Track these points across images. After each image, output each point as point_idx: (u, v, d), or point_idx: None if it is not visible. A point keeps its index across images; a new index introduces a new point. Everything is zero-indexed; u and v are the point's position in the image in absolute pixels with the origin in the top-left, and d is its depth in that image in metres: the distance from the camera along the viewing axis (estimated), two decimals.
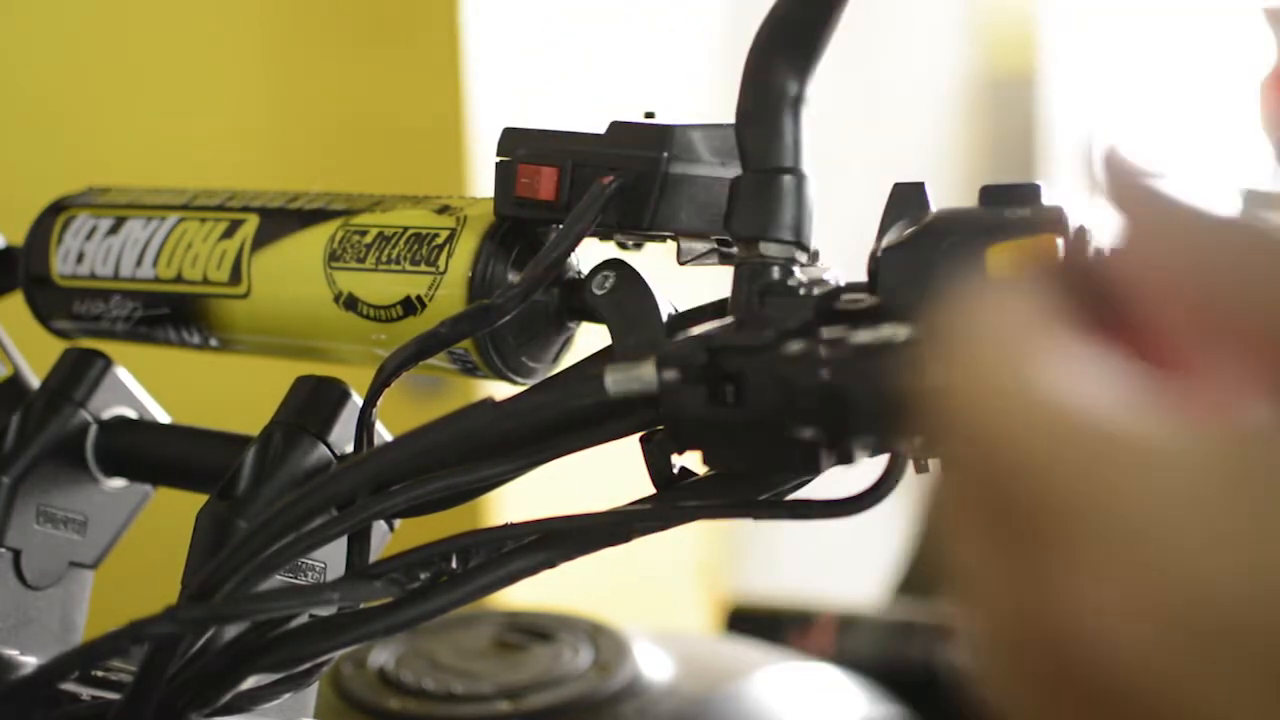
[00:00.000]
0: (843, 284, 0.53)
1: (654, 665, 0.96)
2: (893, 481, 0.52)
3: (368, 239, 0.63)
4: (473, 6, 1.60)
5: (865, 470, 0.52)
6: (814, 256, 0.54)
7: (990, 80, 2.93)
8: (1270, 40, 3.01)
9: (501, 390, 0.58)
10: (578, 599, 1.15)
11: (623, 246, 0.63)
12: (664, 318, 0.57)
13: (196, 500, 0.61)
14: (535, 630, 1.01)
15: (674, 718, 0.93)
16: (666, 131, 0.57)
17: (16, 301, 0.74)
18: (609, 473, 0.83)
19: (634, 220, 0.57)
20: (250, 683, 0.55)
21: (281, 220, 0.66)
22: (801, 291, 0.51)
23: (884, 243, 0.51)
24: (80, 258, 0.71)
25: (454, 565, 0.55)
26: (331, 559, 0.60)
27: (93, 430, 0.68)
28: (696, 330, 0.52)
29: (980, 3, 2.97)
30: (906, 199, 0.52)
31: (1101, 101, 2.88)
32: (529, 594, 0.74)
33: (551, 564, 0.55)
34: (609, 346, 0.57)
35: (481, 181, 1.61)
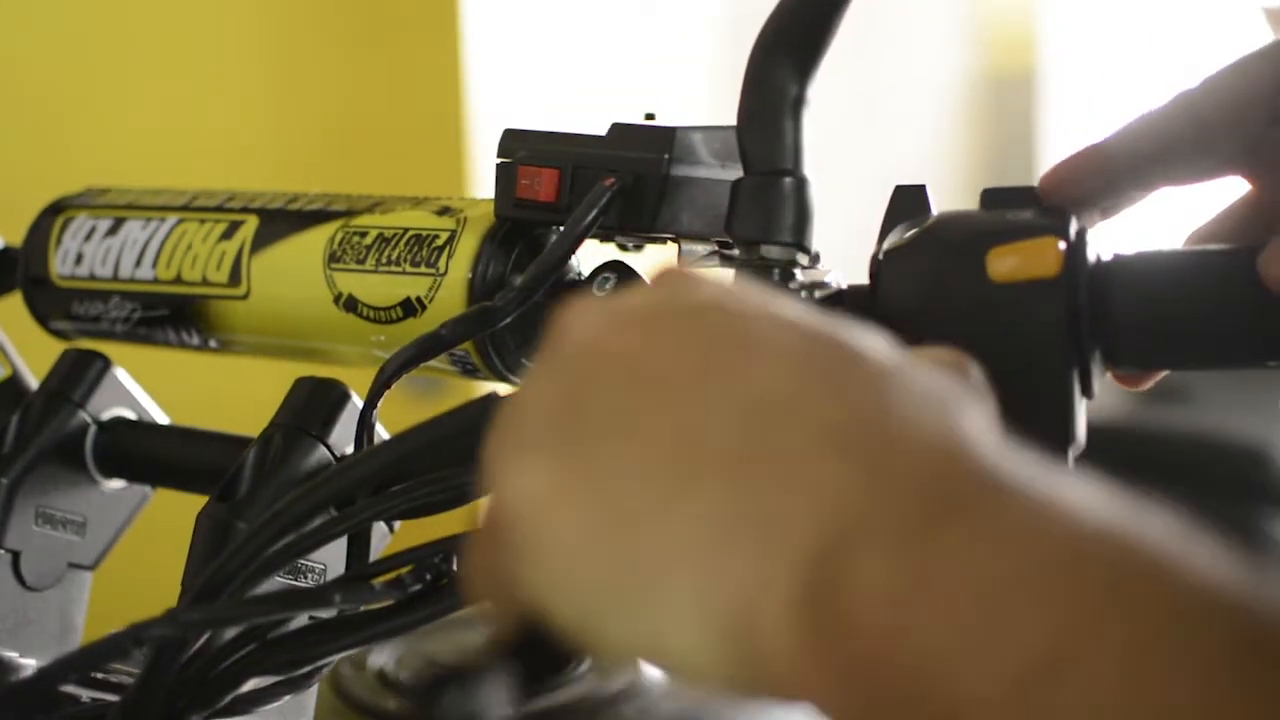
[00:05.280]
0: (844, 286, 0.53)
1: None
2: None
3: (368, 240, 0.63)
4: (473, 6, 1.60)
5: None
6: (815, 259, 0.54)
7: (990, 80, 2.93)
8: (1270, 40, 3.00)
9: (503, 390, 0.58)
10: None
11: (623, 248, 0.63)
12: None
13: (195, 501, 0.61)
14: None
15: None
16: (668, 133, 0.57)
17: (15, 302, 0.74)
18: None
19: (635, 222, 0.57)
20: (250, 685, 0.55)
21: (281, 221, 0.66)
22: (802, 294, 0.51)
23: (885, 245, 0.51)
24: (79, 259, 0.71)
25: (454, 567, 0.54)
26: (331, 560, 0.60)
27: (92, 431, 0.68)
28: None
29: (980, 3, 2.97)
30: (908, 202, 0.52)
31: (1101, 102, 2.88)
32: None
33: None
34: None
35: (481, 182, 1.61)
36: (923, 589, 0.32)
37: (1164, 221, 0.60)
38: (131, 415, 0.70)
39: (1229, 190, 0.56)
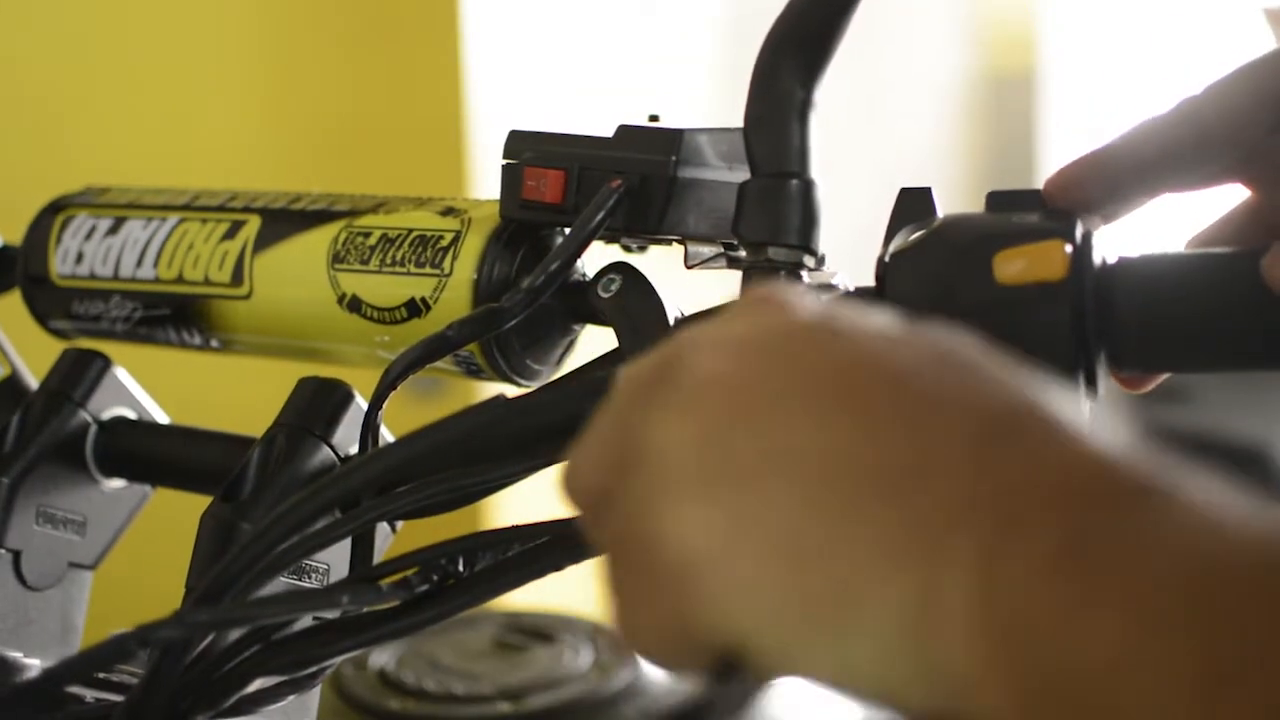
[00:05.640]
0: (851, 288, 0.53)
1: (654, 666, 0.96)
2: None
3: (372, 240, 0.62)
4: (473, 6, 1.60)
5: None
6: (821, 261, 0.54)
7: (990, 80, 2.93)
8: (1270, 40, 3.01)
9: (507, 392, 0.57)
10: (578, 599, 1.15)
11: (627, 249, 0.62)
12: (670, 321, 0.56)
13: (195, 501, 0.61)
14: (536, 631, 1.00)
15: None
16: (675, 135, 0.57)
17: (14, 301, 0.74)
18: None
19: (641, 224, 0.57)
20: (255, 685, 0.55)
21: (284, 221, 0.66)
22: None
23: (892, 248, 0.51)
24: (79, 258, 0.70)
25: (460, 568, 0.54)
26: (335, 560, 0.60)
27: (92, 431, 0.68)
28: None
29: (980, 3, 2.97)
30: (913, 204, 0.52)
31: (1101, 102, 2.88)
32: (530, 594, 0.74)
33: (558, 567, 0.54)
34: (616, 349, 0.57)
35: (480, 182, 1.61)
36: (1093, 595, 0.32)
37: (1166, 226, 0.60)
38: (132, 415, 0.70)
39: (1229, 196, 0.56)
